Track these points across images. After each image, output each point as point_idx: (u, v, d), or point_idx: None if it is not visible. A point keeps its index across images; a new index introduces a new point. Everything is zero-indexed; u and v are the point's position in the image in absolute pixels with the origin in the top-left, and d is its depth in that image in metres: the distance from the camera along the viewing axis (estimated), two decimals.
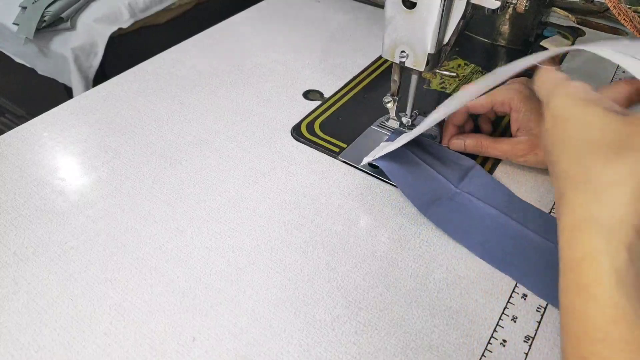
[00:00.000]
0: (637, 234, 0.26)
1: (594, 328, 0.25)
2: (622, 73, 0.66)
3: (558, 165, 0.30)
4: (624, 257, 0.26)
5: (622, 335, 0.24)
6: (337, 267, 0.40)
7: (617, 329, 0.24)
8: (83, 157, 0.49)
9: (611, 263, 0.26)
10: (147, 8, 1.22)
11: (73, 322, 0.36)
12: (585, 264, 0.26)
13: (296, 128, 0.54)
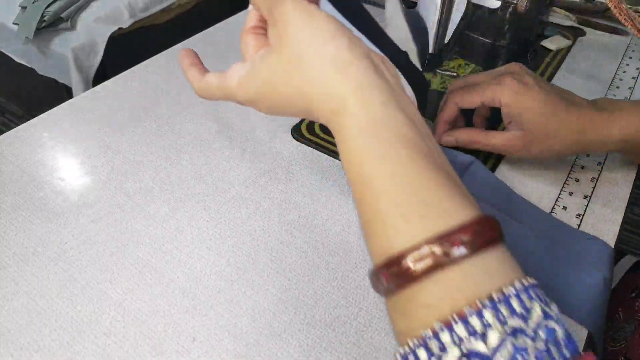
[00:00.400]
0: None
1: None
2: (623, 73, 0.65)
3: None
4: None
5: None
6: (337, 267, 0.40)
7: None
8: (83, 157, 0.49)
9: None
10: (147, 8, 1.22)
11: (73, 322, 0.36)
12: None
13: (296, 128, 0.54)
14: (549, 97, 0.42)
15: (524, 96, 0.42)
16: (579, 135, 0.42)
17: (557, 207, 0.46)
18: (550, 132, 0.43)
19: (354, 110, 0.26)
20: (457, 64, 0.66)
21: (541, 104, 0.42)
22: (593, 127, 0.42)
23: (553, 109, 0.42)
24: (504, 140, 0.45)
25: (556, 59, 0.68)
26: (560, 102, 0.42)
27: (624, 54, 0.70)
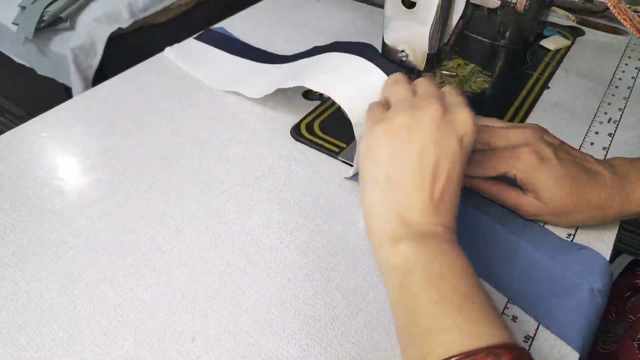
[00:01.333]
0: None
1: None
2: (622, 73, 0.66)
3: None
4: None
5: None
6: (337, 267, 0.40)
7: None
8: (82, 157, 0.49)
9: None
10: (147, 8, 1.22)
11: (72, 322, 0.36)
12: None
13: (296, 128, 0.54)
14: (568, 173, 0.39)
15: (540, 173, 0.39)
16: (598, 212, 0.40)
17: None
18: (569, 209, 0.40)
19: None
20: (457, 64, 0.66)
21: (560, 182, 0.39)
22: (613, 203, 0.40)
23: (572, 186, 0.39)
24: (520, 205, 0.42)
25: (555, 58, 0.68)
26: (580, 177, 0.39)
27: (623, 54, 0.70)
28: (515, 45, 0.70)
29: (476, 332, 0.27)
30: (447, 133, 0.33)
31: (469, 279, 0.30)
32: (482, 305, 0.29)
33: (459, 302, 0.28)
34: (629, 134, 0.55)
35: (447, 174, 0.33)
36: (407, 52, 0.45)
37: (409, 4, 0.42)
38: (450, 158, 0.33)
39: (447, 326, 0.28)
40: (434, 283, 0.30)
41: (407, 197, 0.33)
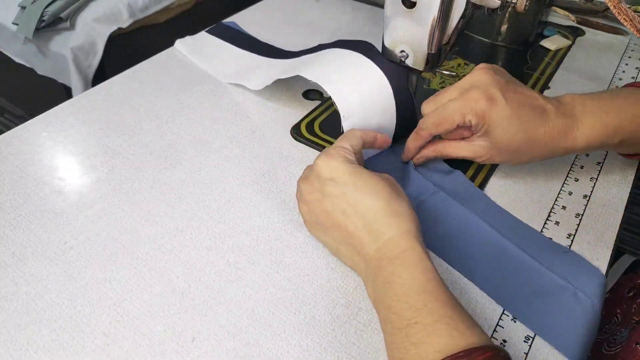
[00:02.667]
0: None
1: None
2: (623, 73, 0.66)
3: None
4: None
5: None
6: (337, 267, 0.40)
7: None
8: (82, 157, 0.49)
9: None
10: (147, 8, 1.21)
11: (72, 322, 0.36)
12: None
13: (296, 128, 0.54)
14: (515, 112, 0.40)
15: (489, 114, 0.40)
16: (545, 148, 0.42)
17: (556, 206, 0.46)
18: (517, 147, 0.42)
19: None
20: (457, 64, 0.66)
21: (508, 121, 0.40)
22: (559, 138, 0.41)
23: (520, 124, 0.40)
24: (470, 153, 0.44)
25: (555, 58, 0.68)
26: (526, 114, 0.41)
27: (623, 54, 0.70)
28: (516, 45, 0.70)
29: (424, 353, 0.29)
30: (319, 185, 0.39)
31: (412, 297, 0.32)
32: (425, 324, 0.30)
33: (405, 329, 0.31)
34: None
35: (349, 206, 0.37)
36: (407, 52, 0.45)
37: (409, 4, 0.42)
38: (338, 197, 0.37)
39: (402, 355, 0.30)
40: (388, 318, 0.32)
41: (352, 246, 0.37)
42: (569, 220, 0.45)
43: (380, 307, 0.34)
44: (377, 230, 0.36)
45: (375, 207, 0.36)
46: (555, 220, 0.45)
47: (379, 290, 0.34)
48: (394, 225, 0.36)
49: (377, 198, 0.37)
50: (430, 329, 0.30)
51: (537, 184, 0.48)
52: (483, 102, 0.40)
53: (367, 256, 0.36)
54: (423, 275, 0.33)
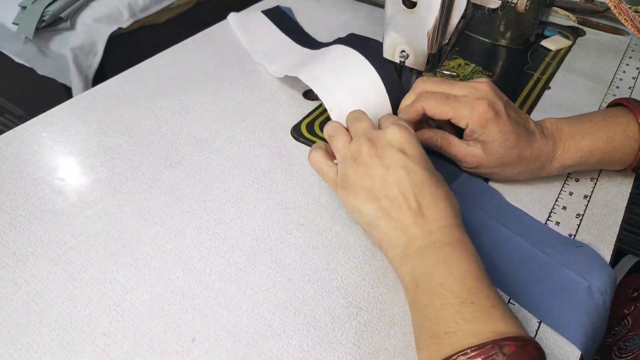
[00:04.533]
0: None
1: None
2: (623, 73, 0.65)
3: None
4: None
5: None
6: (337, 267, 0.40)
7: None
8: (82, 157, 0.49)
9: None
10: (147, 8, 1.21)
11: (72, 322, 0.36)
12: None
13: (296, 128, 0.54)
14: (513, 128, 0.42)
15: (492, 126, 0.42)
16: (529, 166, 0.45)
17: (556, 206, 0.46)
18: (509, 160, 0.44)
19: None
20: (457, 64, 0.66)
21: (505, 135, 0.42)
22: (541, 158, 0.44)
23: (516, 141, 0.43)
24: (463, 155, 0.45)
25: (556, 59, 0.68)
26: (521, 133, 0.43)
27: (624, 54, 0.70)
28: (516, 45, 0.70)
29: (479, 330, 0.30)
30: (387, 153, 0.38)
31: (469, 280, 0.33)
32: (482, 305, 0.31)
33: (459, 306, 0.31)
34: None
35: (410, 183, 0.37)
36: (408, 52, 0.45)
37: (409, 4, 0.42)
38: (403, 170, 0.37)
39: (451, 328, 0.30)
40: (436, 292, 0.33)
41: (396, 221, 0.37)
42: (569, 221, 0.45)
43: (426, 284, 0.33)
44: (434, 214, 0.36)
45: (436, 192, 0.37)
46: (555, 220, 0.45)
47: (426, 268, 0.34)
48: (451, 216, 0.37)
49: (439, 184, 0.38)
50: (486, 311, 0.31)
51: (537, 184, 0.48)
52: (490, 114, 0.42)
53: (414, 236, 0.36)
54: (477, 266, 0.34)
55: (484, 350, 0.28)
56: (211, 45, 0.68)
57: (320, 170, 0.42)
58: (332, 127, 0.43)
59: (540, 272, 0.39)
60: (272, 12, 0.73)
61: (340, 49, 0.50)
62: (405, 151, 0.38)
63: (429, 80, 0.45)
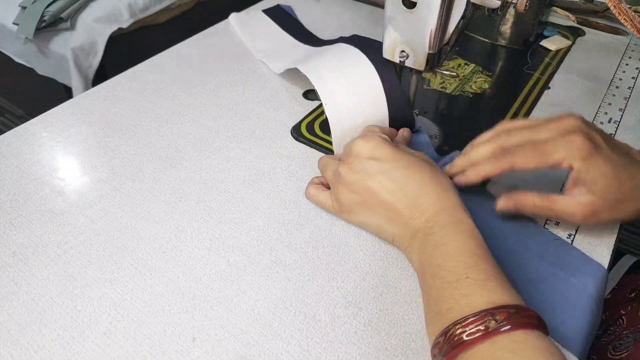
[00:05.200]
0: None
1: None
2: (623, 73, 0.65)
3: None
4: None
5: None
6: (337, 267, 0.40)
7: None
8: (83, 157, 0.49)
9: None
10: (147, 8, 1.22)
11: (73, 322, 0.36)
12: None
13: (296, 128, 0.54)
14: (619, 157, 0.38)
15: (597, 158, 0.38)
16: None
17: None
18: (625, 196, 0.39)
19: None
20: (457, 64, 0.66)
21: (615, 169, 0.38)
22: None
23: (625, 172, 0.38)
24: (574, 207, 0.39)
25: (556, 59, 0.68)
26: (629, 164, 0.39)
27: (623, 54, 0.70)
28: (516, 46, 0.70)
29: (474, 303, 0.31)
30: (360, 165, 0.40)
31: (464, 257, 0.34)
32: (477, 279, 0.32)
33: (456, 282, 0.32)
34: (630, 135, 0.55)
35: (393, 183, 0.38)
36: (408, 52, 0.45)
37: (409, 4, 0.42)
38: (381, 174, 0.39)
39: (450, 305, 0.32)
40: (436, 273, 0.34)
41: (397, 221, 0.39)
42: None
43: (428, 267, 0.35)
44: (426, 203, 0.37)
45: (421, 181, 0.38)
46: (555, 220, 0.45)
47: (427, 253, 0.36)
48: (444, 198, 0.37)
49: (422, 173, 0.38)
50: (481, 283, 0.32)
51: (537, 183, 0.48)
52: (589, 145, 0.38)
53: (415, 227, 0.37)
54: (474, 241, 0.35)
55: (477, 317, 0.30)
56: (211, 46, 0.68)
57: (319, 202, 0.44)
58: (323, 161, 0.46)
59: (519, 263, 0.40)
60: (272, 11, 0.73)
61: (342, 47, 0.51)
62: (375, 157, 0.40)
63: (510, 123, 0.42)
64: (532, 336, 0.29)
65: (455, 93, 0.60)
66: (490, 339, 0.29)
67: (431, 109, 0.58)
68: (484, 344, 0.29)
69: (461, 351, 0.29)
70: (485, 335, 0.29)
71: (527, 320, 0.29)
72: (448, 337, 0.30)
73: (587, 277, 0.39)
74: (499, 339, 0.29)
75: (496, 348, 0.29)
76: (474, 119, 0.57)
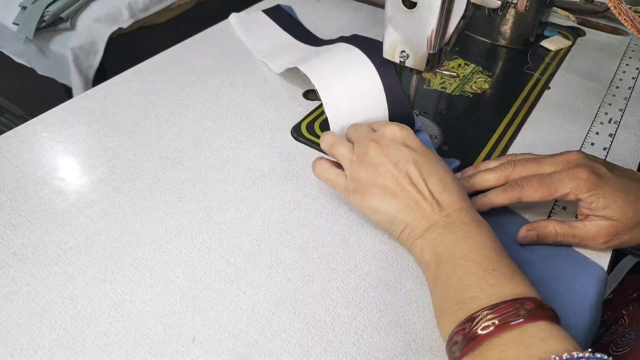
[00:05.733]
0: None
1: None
2: (623, 73, 0.65)
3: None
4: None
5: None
6: (337, 267, 0.40)
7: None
8: (82, 157, 0.49)
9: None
10: (147, 8, 1.21)
11: (72, 322, 0.36)
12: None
13: (296, 128, 0.54)
14: (625, 182, 0.40)
15: (604, 187, 0.39)
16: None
17: (556, 207, 0.46)
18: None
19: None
20: (457, 64, 0.66)
21: (625, 194, 0.39)
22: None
23: (636, 194, 0.39)
24: (596, 231, 0.40)
25: (556, 59, 0.68)
26: (633, 186, 0.40)
27: (623, 54, 0.70)
28: (516, 46, 0.70)
29: (502, 293, 0.31)
30: (393, 149, 0.40)
31: (489, 252, 0.35)
32: (503, 272, 0.33)
33: (482, 273, 0.33)
34: (630, 135, 0.55)
35: (421, 175, 0.39)
36: (408, 53, 0.45)
37: (409, 4, 0.42)
38: (412, 163, 0.39)
39: (475, 294, 0.32)
40: (459, 264, 0.34)
41: (416, 212, 0.38)
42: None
43: (448, 258, 0.35)
44: (447, 200, 0.38)
45: (445, 179, 0.39)
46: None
47: (447, 245, 0.36)
48: (463, 200, 0.39)
49: (447, 171, 0.40)
50: (508, 277, 0.33)
51: None
52: (594, 177, 0.39)
53: (433, 220, 0.38)
54: (496, 241, 0.36)
55: (506, 305, 0.30)
56: (211, 46, 0.68)
57: (330, 179, 0.43)
58: (331, 135, 0.45)
59: (532, 278, 0.39)
60: (273, 11, 0.73)
61: (342, 46, 0.51)
62: (408, 145, 0.40)
63: (513, 156, 0.45)
64: (555, 327, 0.30)
65: (455, 93, 0.60)
66: (520, 327, 0.30)
67: (431, 109, 0.58)
68: (513, 331, 0.29)
69: (491, 336, 0.30)
70: (516, 323, 0.30)
71: (550, 313, 0.31)
72: (476, 323, 0.30)
73: (587, 281, 0.39)
74: (528, 327, 0.30)
75: (525, 336, 0.29)
76: (474, 119, 0.57)
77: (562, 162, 0.41)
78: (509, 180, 0.42)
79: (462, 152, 0.51)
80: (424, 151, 0.40)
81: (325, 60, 0.50)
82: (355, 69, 0.48)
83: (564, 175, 0.40)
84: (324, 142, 0.45)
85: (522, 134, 0.55)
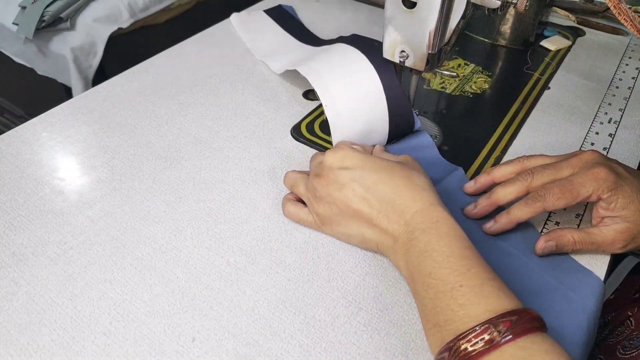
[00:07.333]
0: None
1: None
2: (623, 73, 0.66)
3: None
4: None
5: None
6: (337, 267, 0.40)
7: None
8: (82, 157, 0.49)
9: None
10: (147, 8, 1.21)
11: (72, 322, 0.36)
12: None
13: (296, 128, 0.54)
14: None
15: (623, 186, 0.39)
16: None
17: None
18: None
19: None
20: (457, 64, 0.66)
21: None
22: None
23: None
24: (613, 235, 0.40)
25: (556, 59, 0.68)
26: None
27: (623, 54, 0.70)
28: (516, 46, 0.70)
29: (473, 313, 0.30)
30: (332, 177, 0.40)
31: (454, 262, 0.33)
32: (472, 286, 0.32)
33: (450, 292, 0.32)
34: (630, 135, 0.55)
35: (366, 190, 0.38)
36: (408, 53, 0.45)
37: (409, 4, 0.42)
38: (353, 182, 0.39)
39: (448, 316, 0.31)
40: (428, 283, 0.33)
41: (377, 227, 0.38)
42: (569, 221, 0.45)
43: (418, 276, 0.34)
44: (402, 205, 0.37)
45: (394, 184, 0.38)
46: (555, 220, 0.45)
47: (414, 261, 0.35)
48: (420, 198, 0.37)
49: (394, 176, 0.38)
50: (477, 290, 0.31)
51: None
52: (613, 176, 0.39)
53: (395, 232, 0.37)
54: (460, 243, 0.34)
55: (479, 330, 0.29)
56: (211, 46, 0.68)
57: (300, 220, 0.43)
58: (291, 175, 0.45)
59: (518, 275, 0.39)
60: (274, 11, 0.73)
61: (341, 47, 0.51)
62: (345, 166, 0.40)
63: (529, 161, 0.44)
64: (536, 339, 0.29)
65: (455, 93, 0.61)
66: (497, 349, 0.29)
67: (431, 109, 0.58)
68: (491, 355, 0.29)
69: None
70: (491, 348, 0.29)
71: (529, 325, 0.29)
72: (453, 353, 0.30)
73: (585, 293, 0.38)
74: (506, 349, 0.29)
75: (505, 358, 0.29)
76: (474, 119, 0.57)
77: (578, 163, 0.41)
78: (529, 190, 0.41)
79: (462, 152, 0.51)
80: (363, 165, 0.39)
81: (324, 61, 0.50)
82: (355, 69, 0.48)
83: (583, 178, 0.39)
84: (286, 183, 0.46)
85: (522, 134, 0.55)
